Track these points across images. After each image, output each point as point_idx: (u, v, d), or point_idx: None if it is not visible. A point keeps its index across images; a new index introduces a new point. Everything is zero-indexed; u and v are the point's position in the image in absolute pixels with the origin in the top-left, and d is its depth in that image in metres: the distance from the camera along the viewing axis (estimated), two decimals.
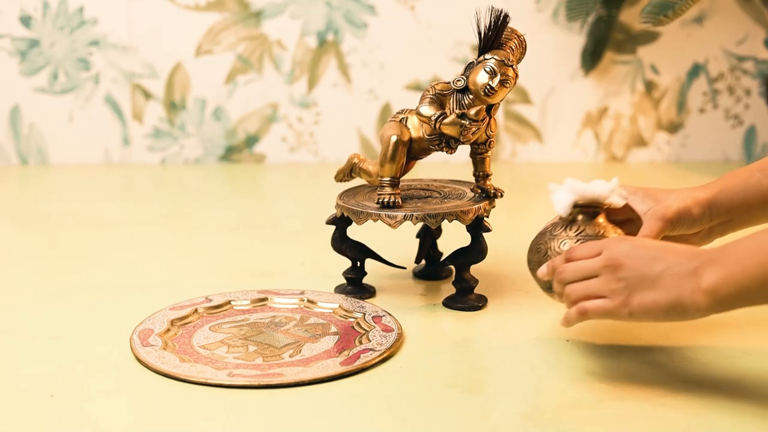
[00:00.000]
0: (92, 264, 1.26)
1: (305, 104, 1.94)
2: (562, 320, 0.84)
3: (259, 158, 1.96)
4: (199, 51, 1.91)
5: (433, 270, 1.18)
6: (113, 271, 1.22)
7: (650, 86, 1.96)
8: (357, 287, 1.11)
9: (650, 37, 1.94)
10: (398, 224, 1.03)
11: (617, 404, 0.82)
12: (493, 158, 1.93)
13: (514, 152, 1.98)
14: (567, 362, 0.91)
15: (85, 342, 0.97)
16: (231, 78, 1.93)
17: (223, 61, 1.92)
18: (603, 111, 1.97)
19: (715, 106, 1.98)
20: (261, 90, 1.93)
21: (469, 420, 0.80)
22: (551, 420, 0.80)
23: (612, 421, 0.79)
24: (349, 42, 1.92)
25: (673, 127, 1.99)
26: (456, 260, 1.08)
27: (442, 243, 1.19)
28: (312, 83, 1.94)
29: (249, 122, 1.94)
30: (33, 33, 1.89)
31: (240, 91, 1.93)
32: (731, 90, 1.97)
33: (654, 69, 1.95)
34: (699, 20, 1.94)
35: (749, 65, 1.96)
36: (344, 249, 1.10)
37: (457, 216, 1.03)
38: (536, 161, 1.98)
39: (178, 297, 1.08)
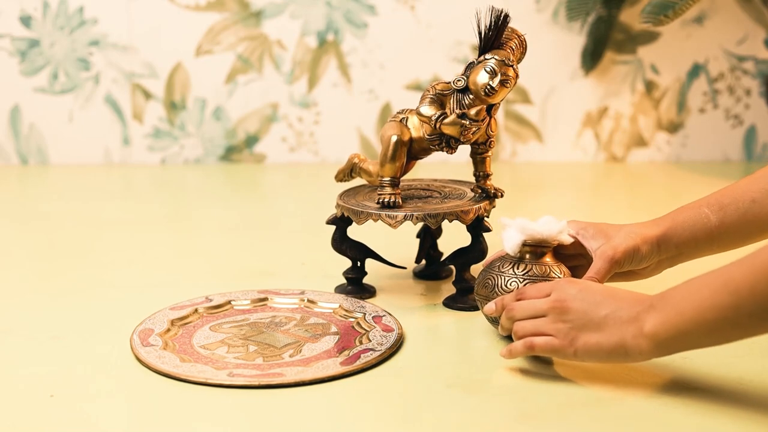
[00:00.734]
0: (92, 264, 1.26)
1: (305, 104, 1.94)
2: (505, 351, 0.87)
3: (259, 158, 1.96)
4: (199, 51, 1.91)
5: (433, 270, 1.18)
6: (113, 271, 1.22)
7: (650, 86, 1.96)
8: (357, 287, 1.11)
9: (650, 37, 1.94)
10: (398, 224, 1.03)
11: (617, 404, 0.82)
12: (494, 158, 1.93)
13: (515, 152, 1.98)
14: (567, 362, 0.91)
15: (85, 342, 0.97)
16: (231, 78, 1.93)
17: (223, 61, 1.92)
18: (603, 111, 1.97)
19: (715, 106, 1.98)
20: (261, 90, 1.93)
21: (469, 420, 0.80)
22: (551, 420, 0.80)
23: (612, 421, 0.79)
24: (349, 42, 1.92)
25: (673, 127, 1.99)
26: (456, 260, 1.08)
27: (442, 243, 1.19)
28: (312, 83, 1.94)
29: (249, 122, 1.94)
30: (33, 33, 1.89)
31: (240, 91, 1.93)
32: (731, 90, 1.97)
33: (654, 69, 1.95)
34: (699, 20, 1.94)
35: (749, 65, 1.96)
36: (344, 249, 1.10)
37: (458, 216, 1.03)
38: (536, 161, 1.98)
39: (178, 297, 1.08)
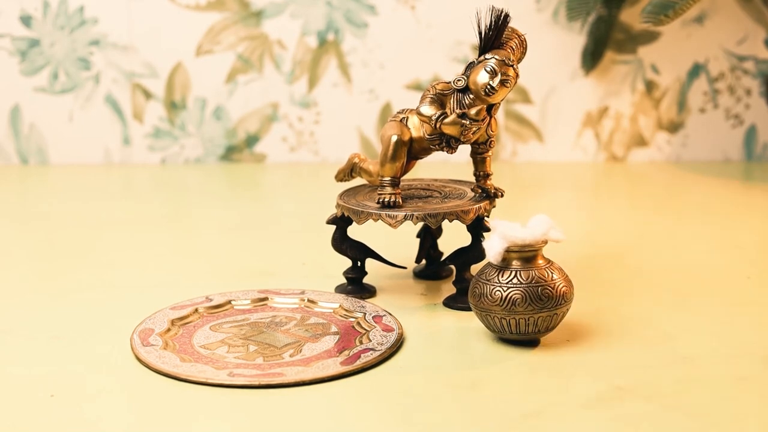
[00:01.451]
0: (92, 264, 1.26)
1: (305, 104, 1.94)
2: None
3: (260, 158, 1.96)
4: (200, 51, 1.91)
5: (434, 270, 1.18)
6: (113, 271, 1.22)
7: (650, 86, 1.96)
8: (357, 287, 1.11)
9: (650, 37, 1.94)
10: (399, 224, 1.03)
11: (617, 404, 0.82)
12: (494, 158, 1.93)
13: (515, 152, 1.98)
14: (567, 362, 0.91)
15: (85, 342, 0.97)
16: (231, 78, 1.92)
17: (224, 61, 1.92)
18: (603, 111, 1.97)
19: (716, 106, 1.98)
20: (261, 90, 1.93)
21: (469, 420, 0.80)
22: (551, 420, 0.80)
23: (612, 421, 0.79)
24: (350, 42, 1.92)
25: (674, 127, 1.99)
26: (456, 260, 1.08)
27: (443, 243, 1.19)
28: (312, 83, 1.94)
29: (249, 122, 1.94)
30: (33, 32, 1.89)
31: (240, 91, 1.93)
32: (731, 90, 1.97)
33: (654, 69, 1.95)
34: (699, 20, 1.94)
35: (749, 65, 1.96)
36: (344, 249, 1.10)
37: (458, 216, 1.03)
38: (537, 161, 1.98)
39: (179, 297, 1.08)
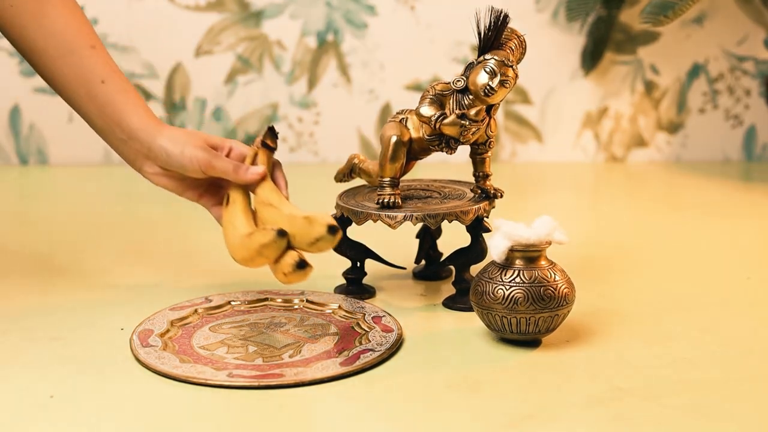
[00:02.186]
0: (92, 264, 1.26)
1: (305, 104, 1.94)
2: None
3: None
4: (199, 51, 1.91)
5: (433, 270, 1.18)
6: (113, 272, 1.22)
7: (650, 86, 1.96)
8: (357, 287, 1.11)
9: (650, 37, 1.94)
10: (398, 224, 1.03)
11: (617, 404, 0.82)
12: (493, 158, 1.93)
13: (514, 152, 1.98)
14: (566, 362, 0.91)
15: (85, 342, 0.97)
16: (231, 78, 1.93)
17: (223, 61, 1.92)
18: (603, 111, 1.97)
19: (715, 106, 1.98)
20: (261, 90, 1.93)
21: (469, 420, 0.80)
22: (551, 420, 0.80)
23: (612, 421, 0.79)
24: (349, 42, 1.92)
25: (673, 127, 1.99)
26: (456, 260, 1.08)
27: (442, 243, 1.19)
28: (312, 83, 1.94)
29: (249, 122, 1.94)
30: None
31: (240, 91, 1.93)
32: (731, 90, 1.97)
33: (654, 69, 1.95)
34: (699, 20, 1.94)
35: (749, 65, 1.96)
36: (344, 249, 1.10)
37: (457, 216, 1.03)
38: (536, 161, 1.98)
39: (178, 297, 1.08)
